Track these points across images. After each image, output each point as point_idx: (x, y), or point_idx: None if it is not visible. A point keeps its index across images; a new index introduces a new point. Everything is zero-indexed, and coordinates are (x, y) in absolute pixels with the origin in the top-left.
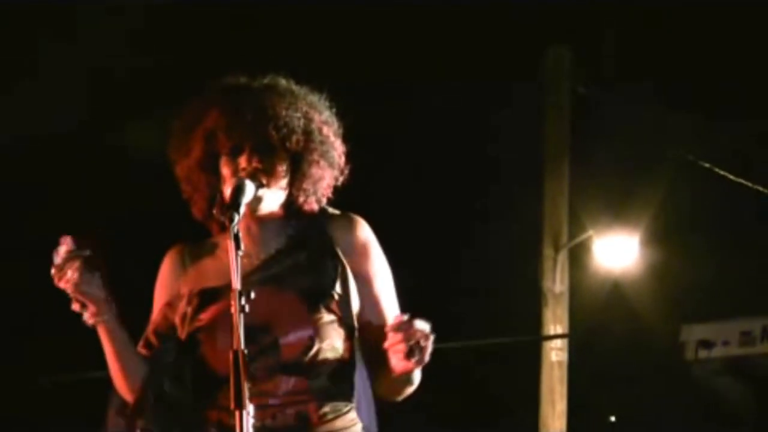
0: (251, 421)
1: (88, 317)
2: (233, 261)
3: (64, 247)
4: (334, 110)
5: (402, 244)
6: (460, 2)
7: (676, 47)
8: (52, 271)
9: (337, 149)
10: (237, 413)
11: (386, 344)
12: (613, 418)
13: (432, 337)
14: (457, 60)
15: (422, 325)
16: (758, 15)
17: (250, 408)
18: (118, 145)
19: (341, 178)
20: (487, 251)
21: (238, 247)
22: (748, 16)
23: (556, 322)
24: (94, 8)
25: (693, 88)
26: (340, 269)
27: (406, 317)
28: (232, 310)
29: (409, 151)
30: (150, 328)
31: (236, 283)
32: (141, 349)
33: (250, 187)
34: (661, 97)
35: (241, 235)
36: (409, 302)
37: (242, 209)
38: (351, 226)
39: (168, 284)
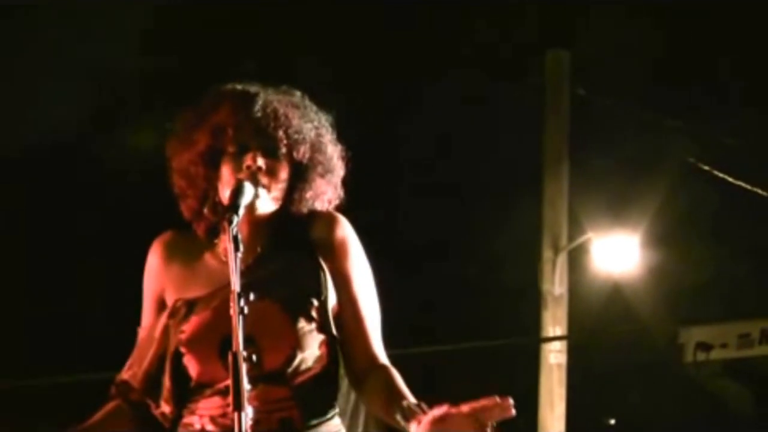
0: (250, 423)
1: None
2: (232, 262)
3: None
4: (335, 134)
5: (401, 245)
6: (463, 3)
7: (677, 49)
8: None
9: (340, 169)
10: (236, 415)
11: None
12: (612, 421)
13: None
14: (456, 61)
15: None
16: (761, 16)
17: (249, 410)
18: (122, 145)
19: (336, 201)
20: (486, 253)
21: (237, 249)
22: (750, 16)
23: (555, 324)
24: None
25: (694, 90)
26: (321, 274)
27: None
28: (231, 312)
29: (408, 152)
30: (144, 334)
31: (236, 285)
32: (139, 361)
33: (249, 189)
34: (661, 99)
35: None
36: (409, 304)
37: (241, 211)
38: (330, 224)
39: (154, 278)
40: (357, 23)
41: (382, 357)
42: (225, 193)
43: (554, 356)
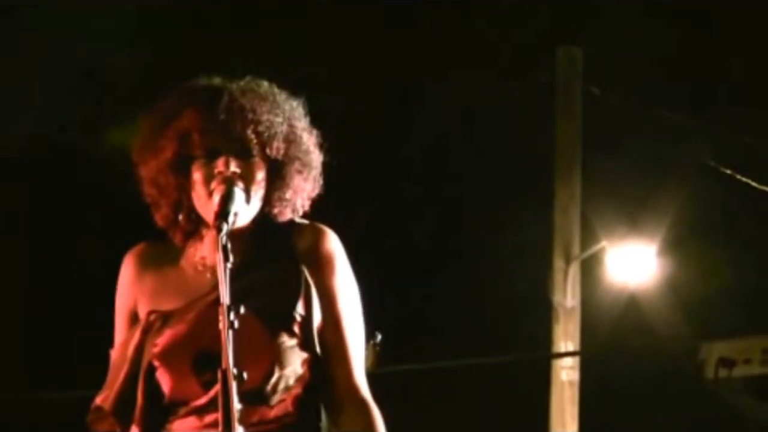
0: None
1: None
2: (221, 274)
3: None
4: (309, 119)
5: (407, 256)
6: (471, 3)
7: (696, 48)
8: None
9: (317, 160)
10: None
11: None
12: None
13: None
14: (466, 63)
15: None
16: None
17: (240, 430)
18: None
19: (317, 191)
20: (495, 263)
21: (227, 259)
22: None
23: (567, 339)
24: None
25: (713, 91)
26: (303, 287)
27: None
28: (221, 326)
29: (413, 159)
30: (116, 353)
31: (225, 298)
32: (117, 375)
33: (239, 194)
34: (680, 100)
35: (208, 247)
36: (416, 317)
37: (231, 218)
38: (316, 237)
39: (127, 292)
40: (356, 24)
41: (364, 388)
42: (198, 201)
43: (566, 373)
